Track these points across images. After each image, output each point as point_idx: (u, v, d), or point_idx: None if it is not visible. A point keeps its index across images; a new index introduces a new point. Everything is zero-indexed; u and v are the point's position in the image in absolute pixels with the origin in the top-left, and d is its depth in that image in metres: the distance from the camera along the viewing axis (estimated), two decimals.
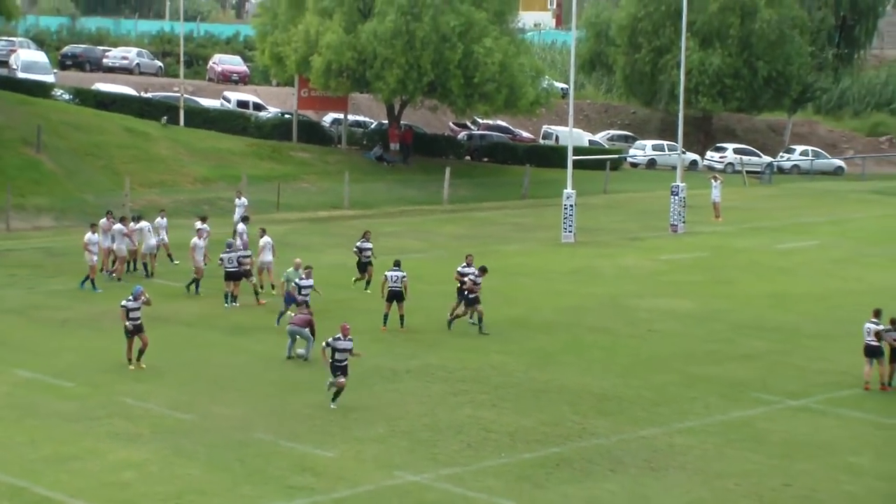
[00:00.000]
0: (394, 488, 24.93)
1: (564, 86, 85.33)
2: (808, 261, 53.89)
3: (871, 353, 33.16)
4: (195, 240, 43.98)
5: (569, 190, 58.47)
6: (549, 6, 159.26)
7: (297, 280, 38.04)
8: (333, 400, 29.90)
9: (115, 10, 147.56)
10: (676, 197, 61.63)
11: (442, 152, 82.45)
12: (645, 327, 40.03)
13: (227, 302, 41.57)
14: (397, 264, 39.14)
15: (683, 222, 61.62)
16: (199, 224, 46.20)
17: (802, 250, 56.74)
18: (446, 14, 71.56)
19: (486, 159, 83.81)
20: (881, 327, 33.22)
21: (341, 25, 72.57)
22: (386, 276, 38.78)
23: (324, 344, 30.18)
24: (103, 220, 46.29)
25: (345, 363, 29.91)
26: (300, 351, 34.64)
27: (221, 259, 41.89)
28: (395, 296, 38.50)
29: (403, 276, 38.50)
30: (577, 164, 61.67)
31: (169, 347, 35.84)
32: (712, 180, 67.15)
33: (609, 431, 28.87)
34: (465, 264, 39.56)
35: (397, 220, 63.77)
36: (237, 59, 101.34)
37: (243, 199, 54.43)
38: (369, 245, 44.81)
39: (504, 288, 45.36)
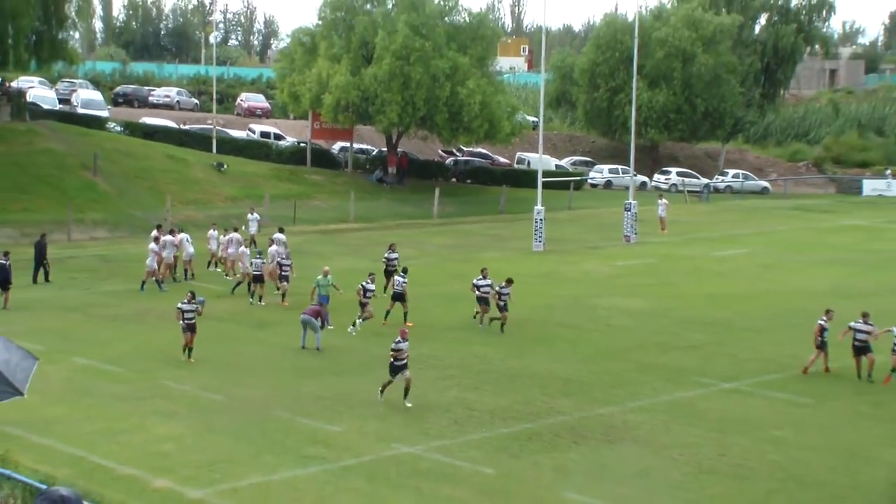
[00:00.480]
0: (392, 458, 24.84)
1: (535, 119, 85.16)
2: (740, 266, 53.84)
3: (860, 351, 32.39)
4: (243, 248, 44.13)
5: (539, 206, 58.41)
6: (521, 52, 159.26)
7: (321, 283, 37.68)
8: (405, 397, 28.47)
9: (159, 56, 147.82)
10: (629, 213, 61.58)
11: (432, 175, 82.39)
12: (604, 322, 39.97)
13: (252, 300, 41.52)
14: (405, 271, 39.30)
15: (635, 234, 61.55)
16: (237, 235, 46.33)
17: (735, 257, 56.70)
18: (436, 59, 71.61)
19: (469, 181, 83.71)
20: (861, 325, 32.59)
21: (348, 69, 72.65)
22: (394, 279, 39.14)
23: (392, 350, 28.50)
24: (154, 232, 46.41)
25: (404, 362, 28.48)
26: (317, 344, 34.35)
27: (252, 264, 41.96)
28: (399, 297, 38.39)
29: (404, 281, 38.47)
30: (545, 185, 61.61)
31: (203, 339, 35.64)
32: (658, 199, 67.04)
33: (573, 410, 28.79)
34: (480, 276, 38.20)
35: (395, 232, 63.61)
36: (261, 97, 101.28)
37: (255, 214, 53.82)
38: (395, 255, 43.79)
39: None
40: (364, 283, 37.51)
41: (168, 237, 45.70)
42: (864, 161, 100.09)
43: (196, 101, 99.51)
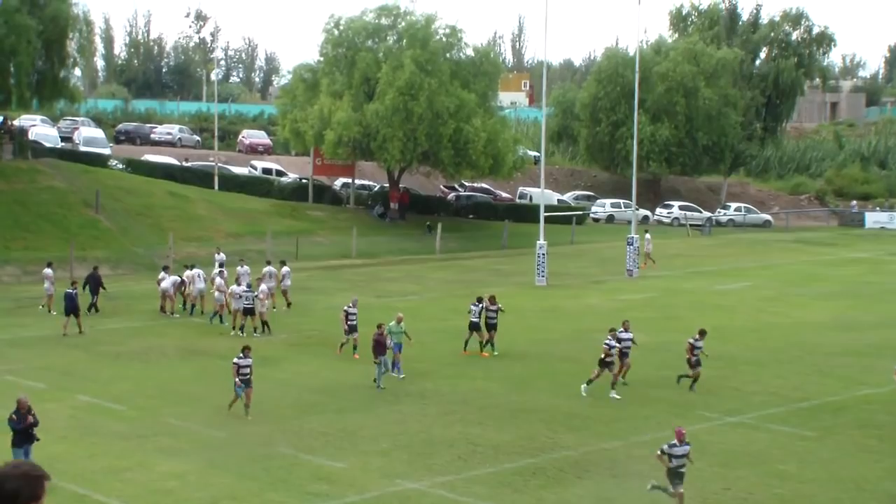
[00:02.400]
0: (396, 494, 24.84)
1: (536, 154, 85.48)
2: (743, 299, 53.88)
3: None
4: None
5: (541, 241, 58.49)
6: (522, 87, 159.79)
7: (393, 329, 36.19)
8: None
9: (160, 93, 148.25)
10: (631, 247, 61.68)
11: (434, 210, 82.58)
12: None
13: (236, 331, 42.28)
14: (479, 300, 39.64)
15: (637, 268, 61.63)
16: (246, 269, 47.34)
17: (737, 291, 56.75)
18: (441, 95, 71.93)
19: (471, 216, 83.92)
20: None
21: (350, 105, 72.94)
22: (470, 308, 39.51)
23: (658, 451, 24.23)
24: (162, 273, 47.41)
25: (683, 469, 23.96)
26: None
27: (243, 297, 42.60)
28: (474, 326, 39.13)
29: (481, 310, 39.17)
30: (548, 220, 61.78)
31: (205, 376, 35.80)
32: (645, 233, 66.53)
33: (576, 444, 28.79)
34: (621, 329, 35.35)
35: (397, 267, 63.77)
36: (262, 133, 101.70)
37: (222, 255, 52.69)
38: (494, 308, 39.92)
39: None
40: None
41: (193, 272, 46.89)
42: (865, 193, 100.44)
43: (198, 138, 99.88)
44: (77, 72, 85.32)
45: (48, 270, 47.75)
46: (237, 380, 30.80)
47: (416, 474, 26.08)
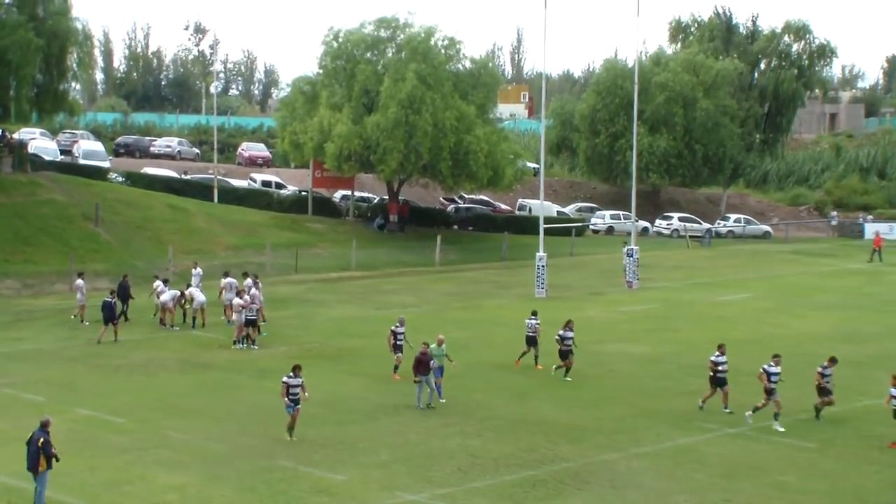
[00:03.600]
0: None
1: (536, 166, 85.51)
2: (743, 311, 53.90)
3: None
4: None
5: (541, 253, 58.52)
6: (521, 99, 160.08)
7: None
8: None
9: (160, 106, 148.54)
10: (631, 258, 61.68)
11: (433, 222, 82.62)
12: (606, 368, 40.01)
13: (243, 344, 42.30)
14: (535, 314, 39.67)
15: (637, 279, 61.64)
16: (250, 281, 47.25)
17: (737, 302, 56.77)
18: (444, 110, 71.99)
19: (470, 228, 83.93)
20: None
21: (349, 118, 72.98)
22: (526, 322, 39.43)
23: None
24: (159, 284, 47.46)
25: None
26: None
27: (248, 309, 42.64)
28: (531, 341, 39.07)
29: (537, 324, 39.13)
30: (547, 231, 61.85)
31: (205, 389, 35.83)
32: (623, 247, 65.20)
33: (577, 456, 28.80)
34: (717, 353, 34.09)
35: (396, 279, 63.78)
36: (261, 146, 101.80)
37: (199, 270, 51.99)
38: (571, 334, 38.19)
39: (486, 336, 45.50)
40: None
41: (228, 280, 47.76)
42: (865, 204, 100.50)
43: (197, 150, 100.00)
44: (77, 85, 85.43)
45: (80, 281, 48.15)
46: (287, 399, 29.74)
47: (416, 486, 26.08)
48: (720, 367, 33.88)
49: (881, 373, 38.78)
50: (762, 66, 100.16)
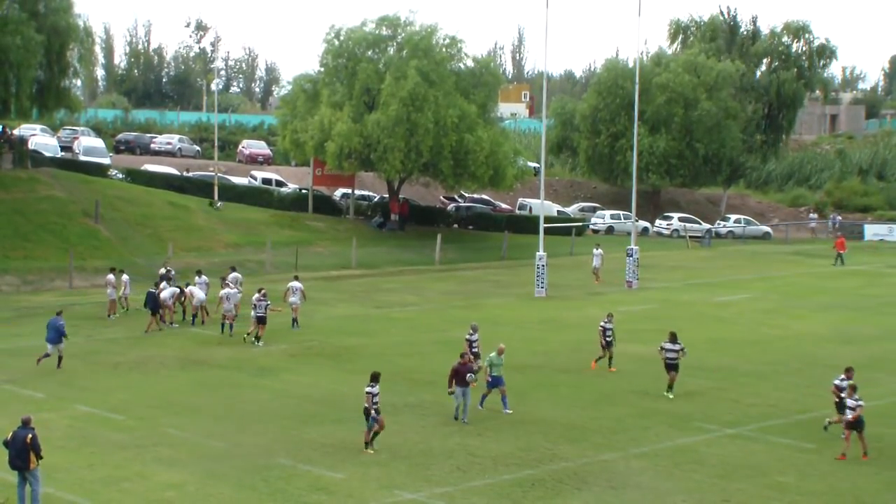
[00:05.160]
0: None
1: (536, 165, 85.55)
2: (742, 311, 53.91)
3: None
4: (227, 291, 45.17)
5: (541, 252, 58.52)
6: (522, 98, 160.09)
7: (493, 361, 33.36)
8: None
9: (160, 103, 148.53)
10: (631, 258, 61.67)
11: (434, 221, 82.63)
12: (605, 368, 39.97)
13: (253, 341, 42.64)
14: (610, 316, 39.28)
15: (637, 279, 61.64)
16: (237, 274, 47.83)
17: (737, 303, 56.78)
18: (446, 107, 71.99)
19: (470, 227, 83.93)
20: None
21: (350, 116, 72.97)
22: (601, 326, 39.08)
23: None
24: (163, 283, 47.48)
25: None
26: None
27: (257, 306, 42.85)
28: (607, 344, 38.73)
29: (611, 328, 38.95)
30: (547, 231, 61.86)
31: (204, 386, 35.84)
32: (594, 249, 64.65)
33: (575, 456, 28.80)
34: (842, 377, 31.35)
35: (396, 278, 63.80)
36: (262, 143, 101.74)
37: (168, 269, 51.40)
38: (676, 347, 35.84)
39: (485, 336, 45.28)
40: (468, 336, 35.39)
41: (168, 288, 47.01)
42: (865, 206, 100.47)
43: (198, 148, 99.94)
44: (77, 81, 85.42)
45: (110, 276, 48.60)
46: (373, 410, 28.71)
47: (415, 485, 26.09)
48: (843, 393, 30.43)
49: (880, 374, 38.98)
50: (763, 66, 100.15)
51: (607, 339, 38.96)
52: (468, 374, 31.75)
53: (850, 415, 28.89)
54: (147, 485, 25.72)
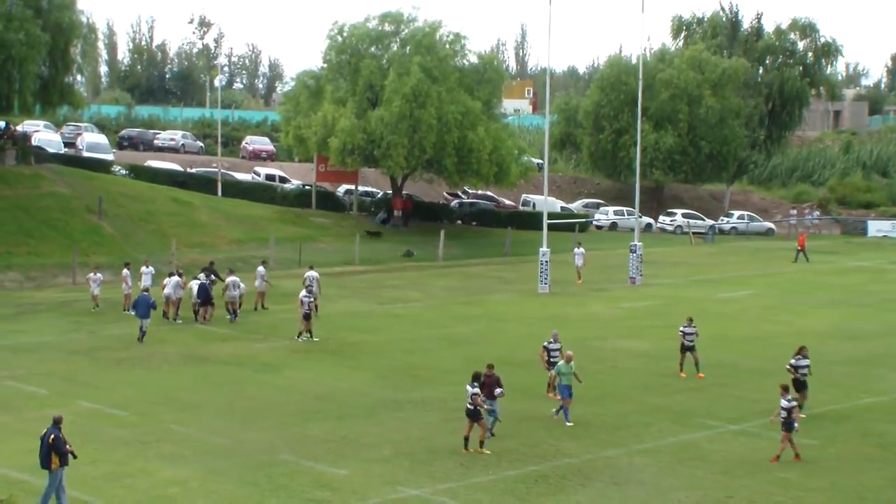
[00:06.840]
0: (397, 501, 24.84)
1: (540, 161, 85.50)
2: (745, 308, 53.86)
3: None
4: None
5: (544, 248, 58.42)
6: (526, 95, 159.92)
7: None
8: None
9: (164, 99, 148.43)
10: (634, 254, 61.62)
11: (437, 217, 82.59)
12: (609, 364, 39.98)
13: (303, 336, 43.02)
14: (690, 320, 38.35)
15: (640, 275, 61.60)
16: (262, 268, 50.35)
17: (740, 299, 56.72)
18: (449, 104, 71.96)
19: (474, 223, 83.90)
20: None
21: (353, 112, 72.96)
22: (682, 331, 38.17)
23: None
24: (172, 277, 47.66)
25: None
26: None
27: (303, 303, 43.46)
28: (689, 348, 37.89)
29: (693, 333, 37.90)
30: (551, 227, 61.81)
31: (207, 382, 35.84)
32: (575, 248, 63.65)
33: (579, 452, 28.79)
34: (798, 356, 33.33)
35: (399, 274, 63.75)
36: (265, 140, 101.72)
37: (150, 268, 50.37)
38: (806, 362, 33.59)
39: (489, 332, 45.48)
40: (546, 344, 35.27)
41: (175, 278, 47.08)
42: (868, 202, 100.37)
43: (201, 144, 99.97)
44: (81, 78, 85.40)
45: (126, 272, 48.77)
46: (486, 408, 28.52)
47: (418, 481, 26.08)
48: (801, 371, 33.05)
49: (883, 370, 38.98)
50: (767, 63, 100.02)
51: (689, 342, 37.83)
52: (496, 389, 29.63)
53: (783, 414, 28.63)
54: (150, 481, 25.73)
